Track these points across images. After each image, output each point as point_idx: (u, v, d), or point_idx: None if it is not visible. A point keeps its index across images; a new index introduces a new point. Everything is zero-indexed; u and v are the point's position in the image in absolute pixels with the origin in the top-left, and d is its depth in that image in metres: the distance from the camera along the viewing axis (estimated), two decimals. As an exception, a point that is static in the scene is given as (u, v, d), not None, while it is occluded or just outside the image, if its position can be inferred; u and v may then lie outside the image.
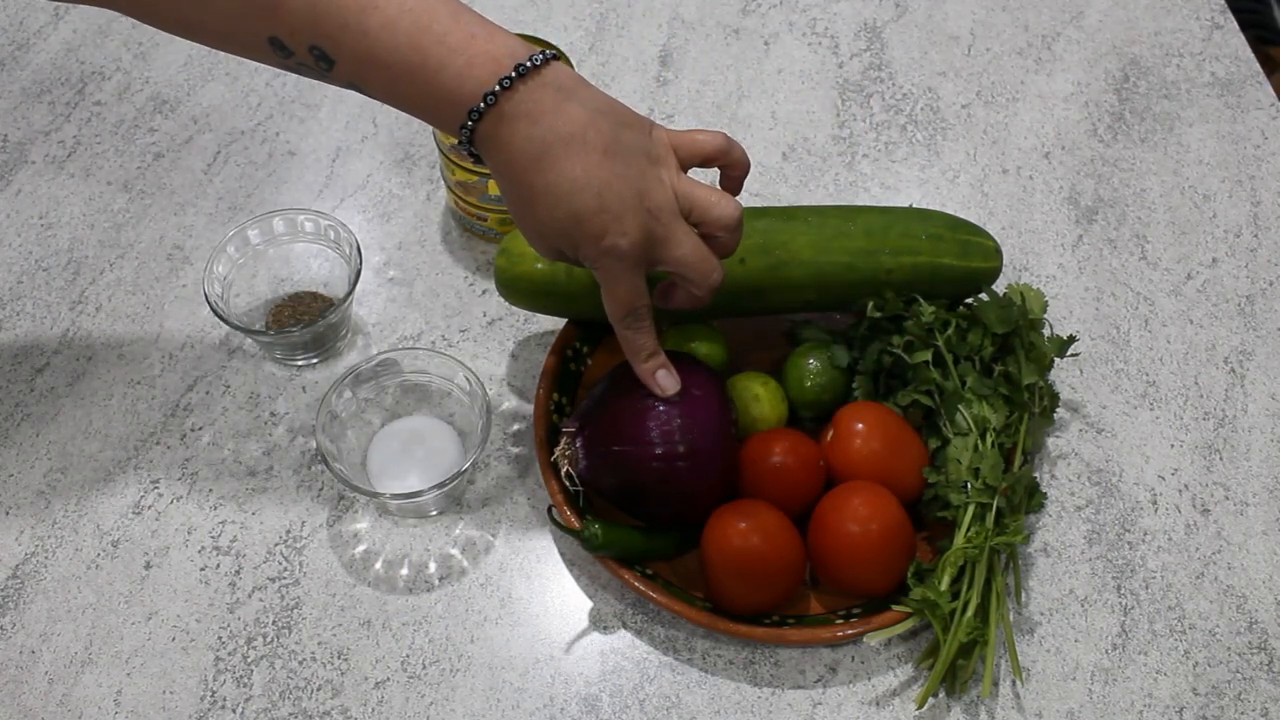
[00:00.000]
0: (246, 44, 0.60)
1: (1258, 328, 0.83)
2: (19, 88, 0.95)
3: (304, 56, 0.59)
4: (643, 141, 0.61)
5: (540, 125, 0.57)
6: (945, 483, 0.69)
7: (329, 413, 0.71)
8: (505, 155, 0.59)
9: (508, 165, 0.59)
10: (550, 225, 0.60)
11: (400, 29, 0.57)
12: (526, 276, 0.73)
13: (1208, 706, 0.67)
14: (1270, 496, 0.75)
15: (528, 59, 0.57)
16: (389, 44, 0.57)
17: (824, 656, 0.69)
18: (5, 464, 0.75)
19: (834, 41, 1.00)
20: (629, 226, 0.59)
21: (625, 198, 0.59)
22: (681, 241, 0.61)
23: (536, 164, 0.58)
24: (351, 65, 0.58)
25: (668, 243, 0.61)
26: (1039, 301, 0.77)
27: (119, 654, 0.68)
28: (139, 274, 0.84)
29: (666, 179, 0.61)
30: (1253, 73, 0.98)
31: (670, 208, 0.61)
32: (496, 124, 0.58)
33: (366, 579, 0.71)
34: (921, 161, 0.92)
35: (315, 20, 0.57)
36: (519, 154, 0.58)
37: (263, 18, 0.58)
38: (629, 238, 0.59)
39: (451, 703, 0.67)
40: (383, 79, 0.59)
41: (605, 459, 0.67)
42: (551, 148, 0.58)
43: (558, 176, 0.58)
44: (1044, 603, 0.71)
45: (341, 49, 0.58)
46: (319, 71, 0.60)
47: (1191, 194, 0.90)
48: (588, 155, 0.58)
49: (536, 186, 0.59)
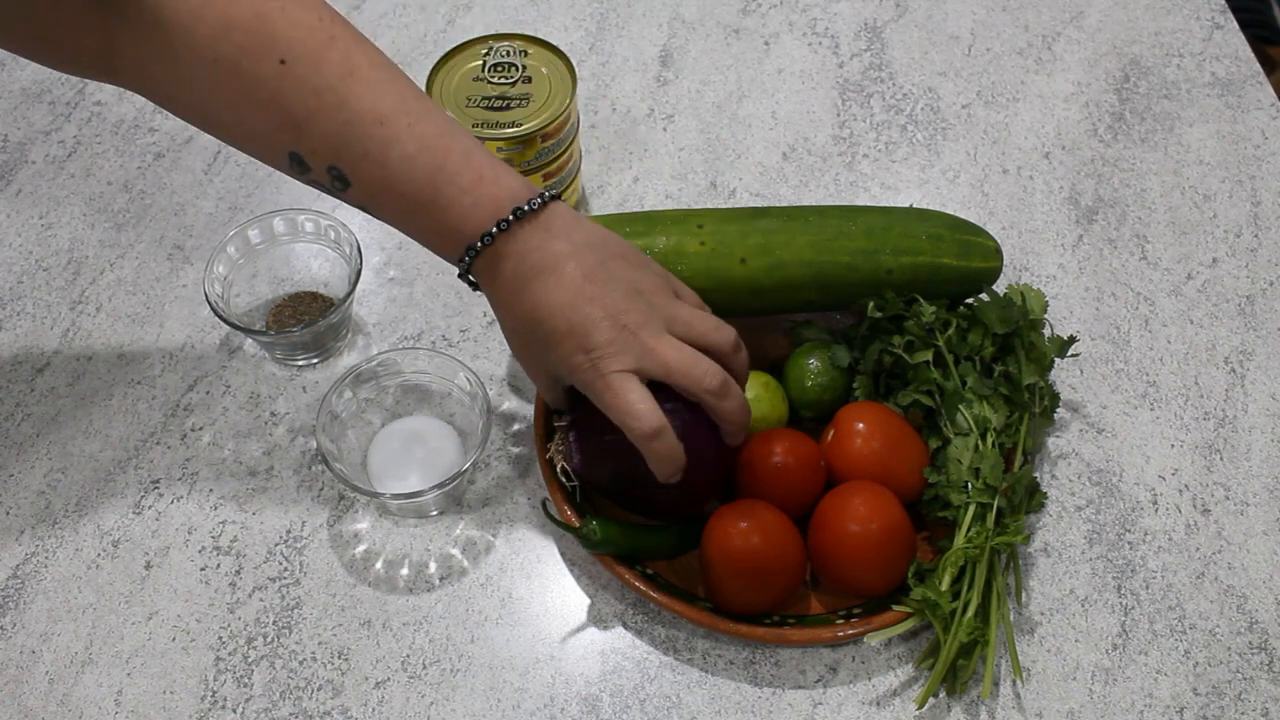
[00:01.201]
0: (266, 153, 0.63)
1: (1258, 328, 0.83)
2: (19, 88, 0.95)
3: (320, 175, 0.62)
4: (633, 275, 0.63)
5: (525, 262, 0.61)
6: (946, 483, 0.69)
7: (329, 413, 0.71)
8: (494, 288, 0.63)
9: (496, 298, 0.64)
10: (534, 352, 0.64)
11: (418, 164, 0.60)
12: None
13: (1208, 706, 0.67)
14: (1270, 496, 0.75)
15: (526, 203, 0.61)
16: (405, 177, 0.60)
17: (824, 656, 0.69)
18: (5, 464, 0.75)
19: (834, 41, 1.00)
20: (597, 340, 0.60)
21: (594, 318, 0.60)
22: (663, 351, 0.62)
23: (518, 295, 0.62)
24: (366, 191, 0.62)
25: (649, 355, 0.61)
26: (1039, 301, 0.77)
27: (119, 654, 0.68)
28: (139, 274, 0.84)
29: (657, 303, 0.63)
30: (1253, 73, 0.98)
31: (649, 325, 0.62)
32: (490, 261, 0.62)
33: (367, 579, 0.71)
34: (922, 161, 0.92)
35: (339, 146, 0.60)
36: (505, 287, 0.62)
37: (288, 135, 0.60)
38: (599, 350, 0.60)
39: (452, 703, 0.67)
40: (394, 208, 0.62)
41: (598, 449, 0.67)
42: (531, 280, 0.61)
43: (534, 304, 0.61)
44: (1044, 603, 0.71)
45: (359, 175, 0.61)
46: (332, 189, 0.63)
47: (1192, 194, 0.90)
48: (562, 284, 0.61)
49: (518, 315, 0.63)
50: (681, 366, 0.62)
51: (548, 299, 0.61)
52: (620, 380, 0.61)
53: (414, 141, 0.60)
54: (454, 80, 0.79)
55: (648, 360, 0.61)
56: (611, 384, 0.61)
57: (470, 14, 1.01)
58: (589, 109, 0.95)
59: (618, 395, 0.61)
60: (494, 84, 0.79)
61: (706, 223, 0.74)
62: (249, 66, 0.58)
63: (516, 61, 0.80)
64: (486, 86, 0.79)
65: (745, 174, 0.91)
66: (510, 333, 0.65)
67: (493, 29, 1.00)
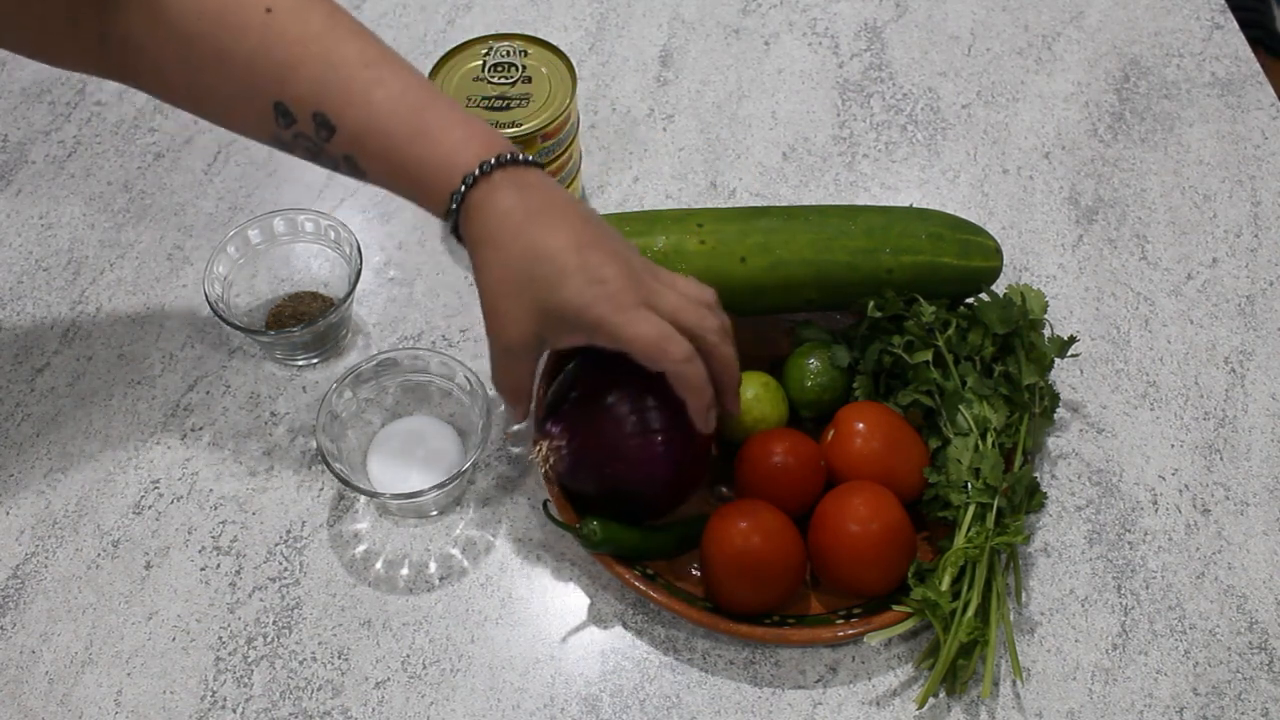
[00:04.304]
0: (250, 109, 0.62)
1: (1258, 328, 0.83)
2: (19, 88, 0.95)
3: (306, 124, 0.62)
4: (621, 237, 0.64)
5: (527, 192, 0.60)
6: (946, 483, 0.69)
7: (329, 413, 0.71)
8: (492, 222, 0.60)
9: (494, 234, 0.60)
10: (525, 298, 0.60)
11: (404, 102, 0.61)
12: None
13: (1208, 706, 0.67)
14: (1270, 496, 0.75)
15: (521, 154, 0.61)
16: (390, 114, 0.61)
17: (824, 656, 0.69)
18: (5, 464, 0.75)
19: (834, 41, 1.00)
20: (613, 275, 0.59)
21: (606, 258, 0.60)
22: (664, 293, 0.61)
23: (517, 232, 0.60)
24: (351, 135, 0.61)
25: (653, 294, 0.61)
26: (1039, 302, 0.77)
27: (119, 654, 0.68)
28: (139, 274, 0.84)
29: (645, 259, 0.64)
30: (1253, 73, 0.98)
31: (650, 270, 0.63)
32: (488, 191, 0.60)
33: (367, 579, 0.71)
34: (922, 161, 0.92)
35: (324, 90, 0.60)
36: (508, 220, 0.60)
37: (274, 82, 0.61)
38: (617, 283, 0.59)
39: (452, 703, 0.67)
40: (381, 147, 0.61)
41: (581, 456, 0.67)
42: (533, 216, 0.60)
43: (536, 240, 0.60)
44: (1044, 603, 0.71)
45: (345, 118, 0.61)
46: (317, 141, 0.62)
47: (1191, 194, 0.90)
48: (568, 222, 0.60)
49: (513, 254, 0.60)
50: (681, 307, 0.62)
51: (553, 236, 0.60)
52: (640, 313, 0.60)
53: (398, 83, 0.61)
54: (454, 80, 0.79)
55: (656, 299, 0.61)
56: (633, 317, 0.59)
57: (470, 14, 1.01)
58: (589, 109, 0.95)
59: (641, 325, 0.60)
60: (494, 84, 0.79)
61: (706, 222, 0.74)
62: (236, 17, 0.60)
63: (516, 61, 0.80)
64: (486, 86, 0.79)
65: (745, 174, 0.91)
66: (496, 281, 0.61)
67: (493, 29, 1.00)
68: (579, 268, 0.59)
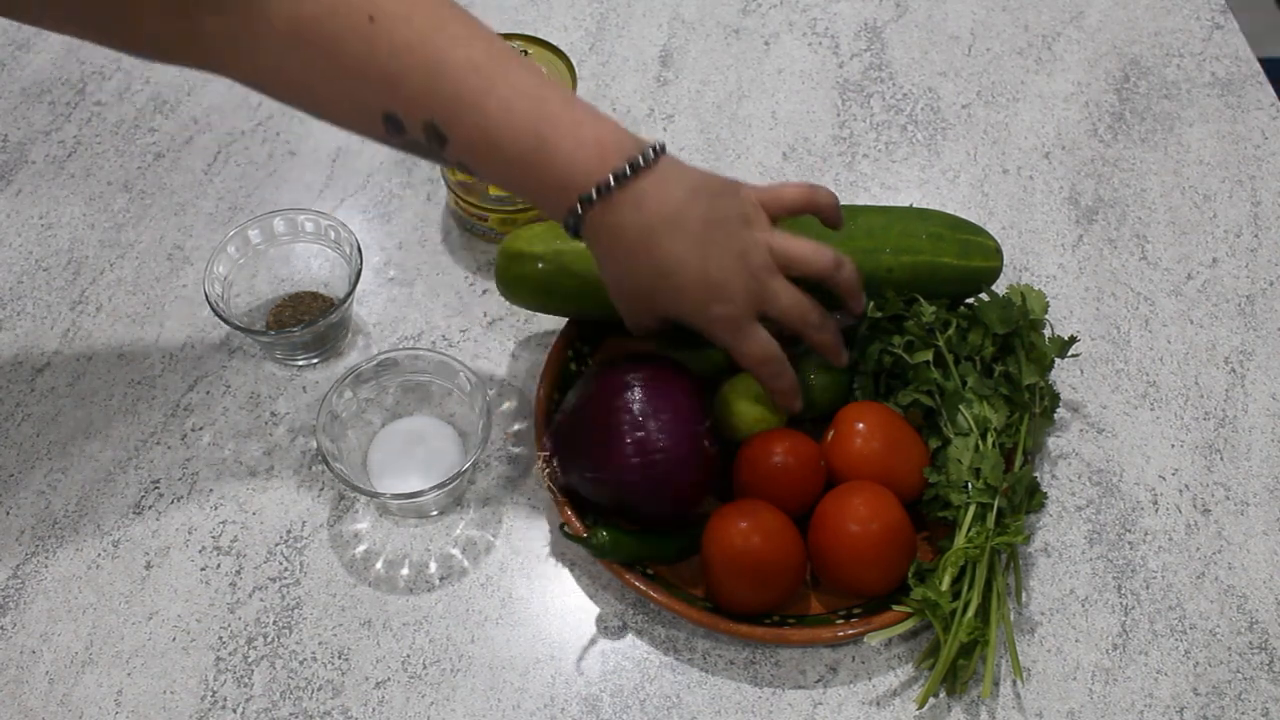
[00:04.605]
0: (361, 119, 0.61)
1: (1258, 328, 0.83)
2: (19, 88, 0.95)
3: (417, 134, 0.60)
4: (735, 206, 0.64)
5: (644, 211, 0.60)
6: (946, 483, 0.69)
7: (329, 413, 0.71)
8: (612, 239, 0.61)
9: (613, 249, 0.62)
10: (651, 302, 0.65)
11: (517, 112, 0.58)
12: (528, 276, 0.74)
13: (1208, 706, 0.67)
14: (1270, 496, 0.75)
15: (640, 155, 0.60)
16: (505, 125, 0.59)
17: (824, 656, 0.69)
18: (5, 464, 0.75)
19: (834, 41, 1.00)
20: (734, 291, 0.63)
21: (726, 266, 0.62)
22: (779, 294, 0.65)
23: (643, 246, 0.61)
24: (465, 144, 0.59)
25: (768, 298, 0.65)
26: (1040, 302, 0.77)
27: (119, 654, 0.68)
28: (139, 274, 0.84)
29: (761, 239, 0.64)
30: (1253, 72, 0.98)
31: (767, 266, 0.64)
32: (605, 211, 0.60)
33: (367, 579, 0.71)
34: (922, 161, 0.92)
35: (434, 100, 0.58)
36: (626, 238, 0.61)
37: (381, 93, 0.59)
38: (735, 302, 0.63)
39: (452, 703, 0.67)
40: (496, 160, 0.60)
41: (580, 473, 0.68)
42: (655, 230, 0.61)
43: (663, 255, 0.61)
44: (1044, 603, 0.71)
45: (457, 127, 0.59)
46: (431, 149, 0.61)
47: (1191, 194, 0.90)
48: (688, 232, 0.61)
49: (642, 268, 0.62)
50: (792, 309, 0.66)
51: (676, 251, 0.61)
52: (750, 331, 0.65)
53: (510, 89, 0.58)
54: (454, 80, 0.79)
55: (768, 305, 0.65)
56: (744, 336, 0.65)
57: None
58: (589, 109, 0.95)
59: (749, 346, 0.65)
60: (494, 84, 0.79)
61: None
62: (336, 27, 0.57)
63: (516, 61, 0.80)
64: (486, 86, 0.79)
65: (745, 174, 0.91)
66: (625, 288, 0.65)
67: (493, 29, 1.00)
68: (697, 284, 0.62)
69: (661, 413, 0.66)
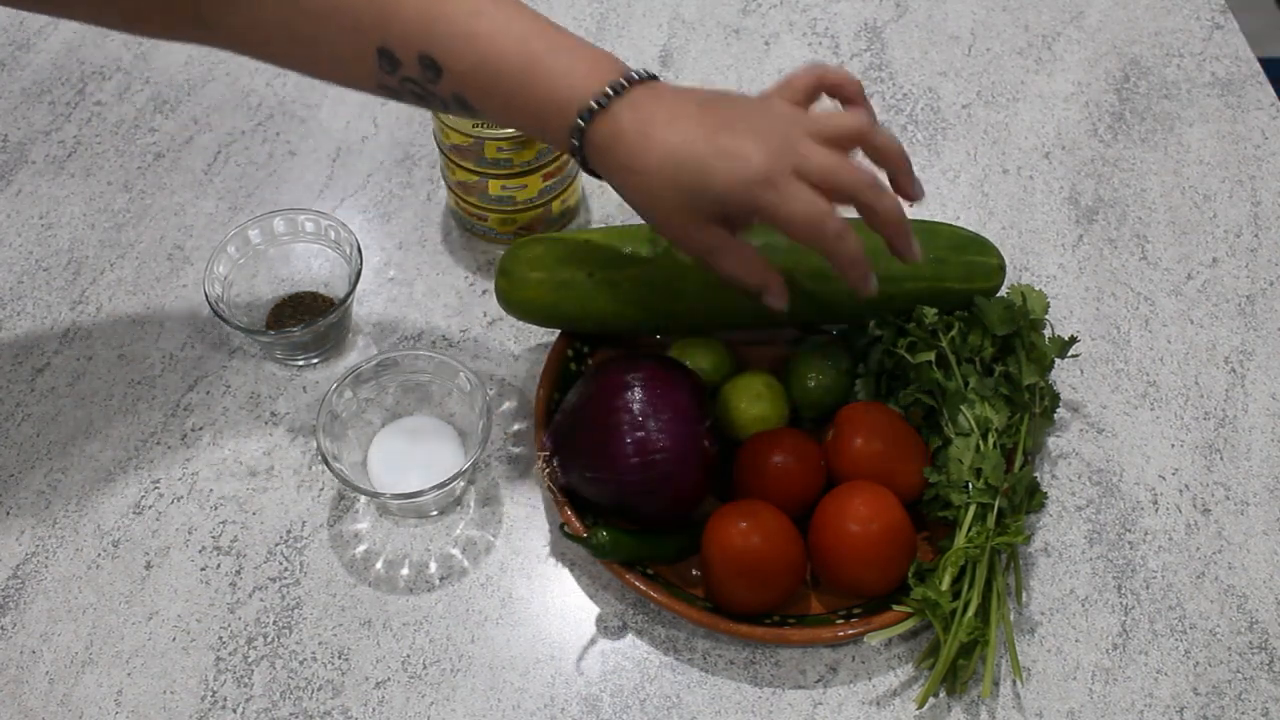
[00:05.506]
0: (355, 61, 0.61)
1: (1258, 328, 0.83)
2: (19, 88, 0.95)
3: (411, 68, 0.60)
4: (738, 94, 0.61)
5: (640, 110, 0.58)
6: (946, 483, 0.69)
7: (329, 413, 0.71)
8: (613, 148, 0.58)
9: (618, 159, 0.59)
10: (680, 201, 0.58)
11: (511, 34, 0.58)
12: (529, 300, 0.74)
13: (1208, 706, 0.67)
14: (1270, 496, 0.75)
15: (634, 72, 0.59)
16: (499, 49, 0.58)
17: (824, 656, 0.69)
18: (5, 464, 0.75)
19: (834, 41, 1.00)
20: (754, 150, 0.57)
21: (739, 129, 0.57)
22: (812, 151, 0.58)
23: (645, 140, 0.58)
24: (460, 73, 0.59)
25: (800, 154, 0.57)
26: (1040, 302, 0.77)
27: (119, 654, 0.68)
28: (139, 274, 0.84)
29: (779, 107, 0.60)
30: (1253, 73, 0.98)
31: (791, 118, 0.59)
32: (604, 121, 0.58)
33: (367, 579, 0.71)
34: (922, 161, 0.92)
35: (427, 27, 0.58)
36: (625, 140, 0.58)
37: (375, 28, 0.59)
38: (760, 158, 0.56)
39: (452, 703, 0.67)
40: (492, 87, 0.59)
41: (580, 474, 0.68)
42: (654, 122, 0.58)
43: (671, 145, 0.57)
44: (1044, 603, 0.71)
45: (451, 56, 0.59)
46: (425, 85, 0.60)
47: (1192, 194, 0.90)
48: (688, 114, 0.58)
49: (652, 166, 0.58)
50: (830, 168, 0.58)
51: (681, 136, 0.57)
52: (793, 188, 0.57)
53: (503, 14, 0.59)
54: (454, 80, 0.79)
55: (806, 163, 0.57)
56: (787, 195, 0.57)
57: (470, 14, 1.01)
58: (589, 109, 0.95)
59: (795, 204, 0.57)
60: (494, 84, 0.79)
61: None
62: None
63: (517, 61, 0.80)
64: (487, 86, 0.79)
65: (745, 174, 0.91)
66: (649, 201, 0.60)
67: None
68: (717, 153, 0.57)
69: (661, 413, 0.66)
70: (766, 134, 0.58)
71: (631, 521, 0.69)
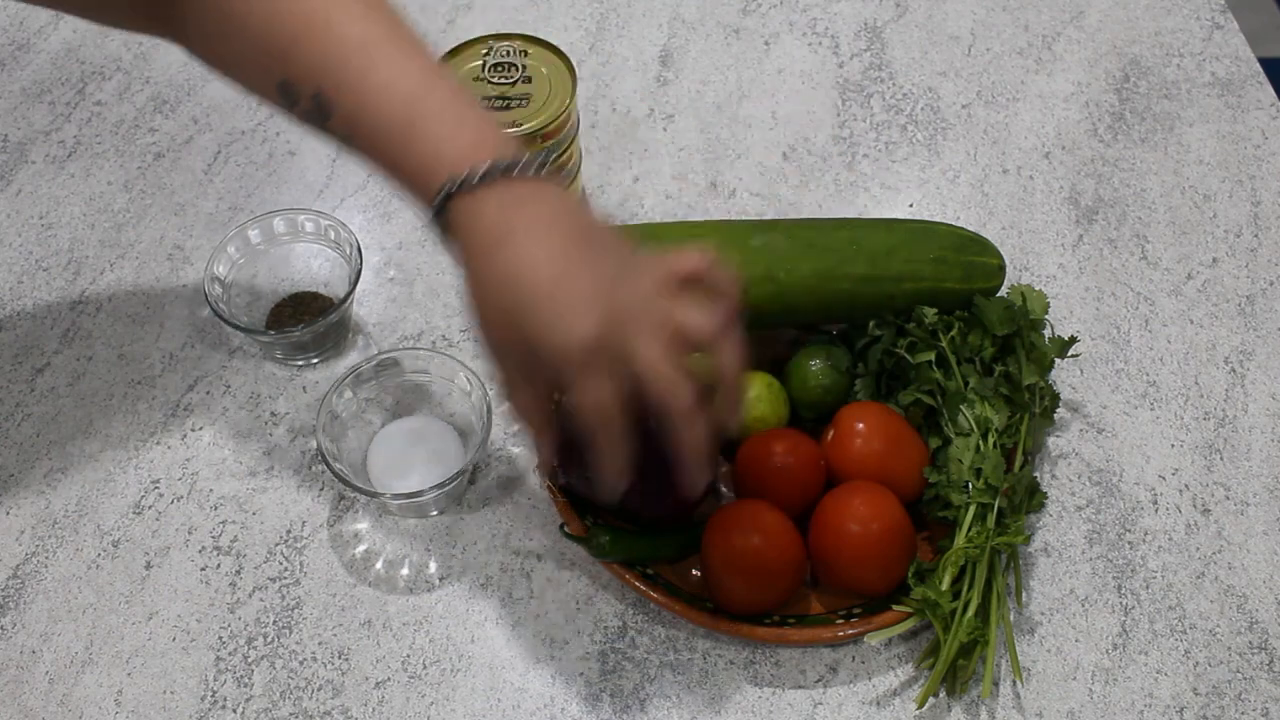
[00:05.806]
0: (265, 89, 0.61)
1: (1258, 328, 0.83)
2: (19, 88, 0.95)
3: (307, 104, 0.60)
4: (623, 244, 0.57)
5: (507, 210, 0.54)
6: (946, 483, 0.69)
7: (329, 413, 0.71)
8: (468, 236, 0.55)
9: (468, 248, 0.55)
10: (505, 329, 0.55)
11: (395, 91, 0.57)
12: None
13: (1208, 706, 0.67)
14: (1270, 496, 0.75)
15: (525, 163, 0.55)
16: (381, 104, 0.57)
17: (824, 656, 0.69)
18: (5, 464, 0.75)
19: (834, 41, 1.00)
20: (591, 311, 0.52)
21: (586, 282, 0.53)
22: (650, 347, 0.53)
23: (497, 244, 0.54)
24: (345, 120, 0.58)
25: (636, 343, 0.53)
26: (1040, 302, 0.77)
27: (119, 654, 0.68)
28: (139, 274, 0.84)
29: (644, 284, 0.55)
30: (1253, 73, 0.98)
31: (644, 306, 0.54)
32: (469, 201, 0.54)
33: (367, 579, 0.71)
34: (922, 161, 0.92)
35: (322, 71, 0.58)
36: (482, 234, 0.54)
37: (277, 62, 0.59)
38: (590, 325, 0.52)
39: (452, 703, 0.67)
40: (370, 136, 0.58)
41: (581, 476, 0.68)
42: (514, 230, 0.54)
43: (514, 256, 0.53)
44: (1044, 603, 0.71)
45: (339, 102, 0.58)
46: (320, 123, 0.60)
47: (1192, 194, 0.90)
48: (551, 240, 0.54)
49: (492, 270, 0.54)
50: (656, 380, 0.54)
51: (529, 259, 0.53)
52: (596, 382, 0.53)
53: (394, 69, 0.57)
54: (454, 80, 0.79)
55: (632, 355, 0.53)
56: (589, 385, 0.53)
57: (470, 14, 1.01)
58: (589, 109, 0.95)
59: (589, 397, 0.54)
60: (494, 84, 0.79)
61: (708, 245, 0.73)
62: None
63: (516, 61, 0.80)
64: (487, 86, 0.79)
65: (745, 174, 0.91)
66: (478, 299, 0.55)
67: (493, 29, 1.00)
68: (552, 304, 0.52)
69: None
70: (610, 308, 0.53)
71: (632, 521, 0.69)
